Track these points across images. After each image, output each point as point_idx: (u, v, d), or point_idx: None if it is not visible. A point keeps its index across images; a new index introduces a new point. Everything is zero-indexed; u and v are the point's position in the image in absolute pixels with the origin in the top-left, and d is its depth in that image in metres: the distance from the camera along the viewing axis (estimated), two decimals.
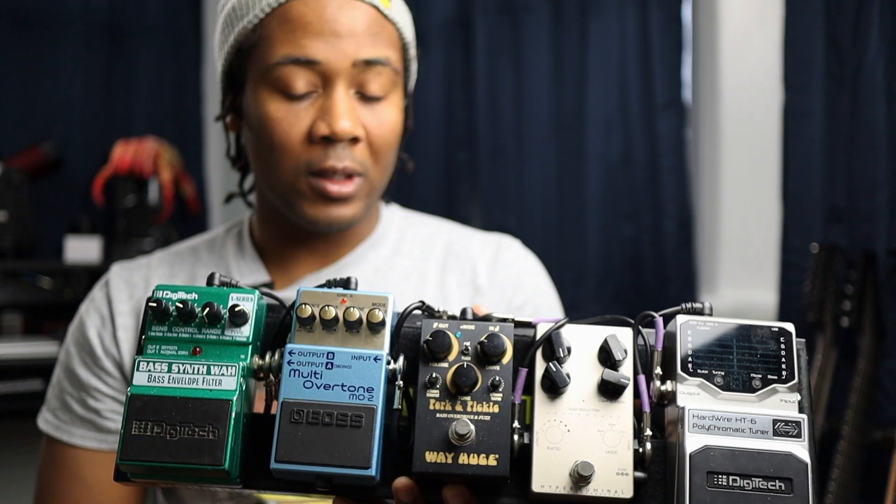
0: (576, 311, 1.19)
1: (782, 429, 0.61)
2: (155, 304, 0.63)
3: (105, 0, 3.05)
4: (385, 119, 0.97)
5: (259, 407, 0.68)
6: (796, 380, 0.63)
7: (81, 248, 2.84)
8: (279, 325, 0.67)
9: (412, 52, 1.03)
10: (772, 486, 0.59)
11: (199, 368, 0.62)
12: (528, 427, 0.65)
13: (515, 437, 0.64)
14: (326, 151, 0.93)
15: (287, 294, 1.02)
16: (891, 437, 1.76)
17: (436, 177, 2.77)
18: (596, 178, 2.42)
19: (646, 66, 2.33)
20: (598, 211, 2.43)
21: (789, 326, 0.65)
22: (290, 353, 0.62)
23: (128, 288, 1.06)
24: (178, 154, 3.06)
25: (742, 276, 2.31)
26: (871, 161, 1.90)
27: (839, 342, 1.93)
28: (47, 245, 2.94)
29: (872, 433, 1.82)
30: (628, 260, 2.38)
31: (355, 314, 0.63)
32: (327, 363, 0.63)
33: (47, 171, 2.91)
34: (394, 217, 1.13)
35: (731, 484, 0.59)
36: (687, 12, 2.33)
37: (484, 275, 1.08)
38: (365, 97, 0.95)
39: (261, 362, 0.65)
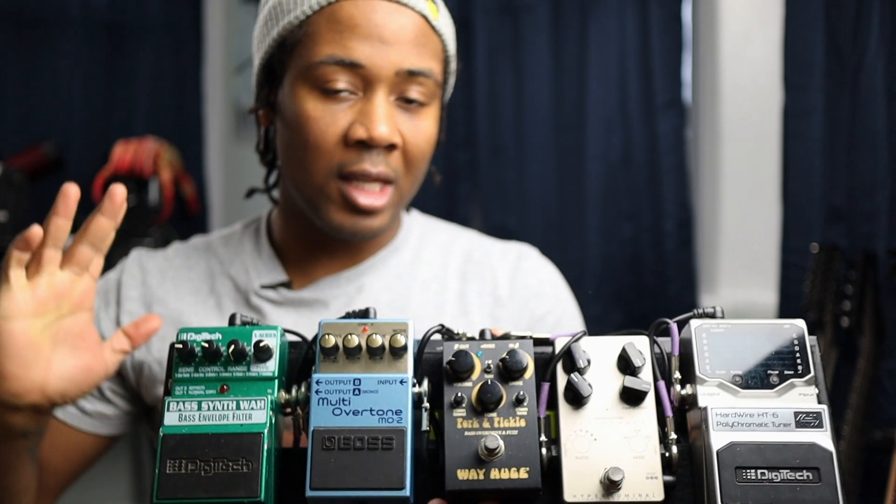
0: None
1: (804, 420, 0.62)
2: (181, 346, 0.64)
3: (105, 0, 3.06)
4: (422, 129, 0.96)
5: (287, 443, 0.68)
6: (812, 373, 0.65)
7: None
8: (302, 360, 0.68)
9: (453, 65, 1.03)
10: (800, 476, 0.60)
11: (228, 404, 0.63)
12: (554, 441, 0.66)
13: (543, 450, 0.65)
14: (361, 155, 0.93)
15: (304, 294, 1.02)
16: (891, 437, 1.77)
17: None
18: (596, 177, 2.43)
19: (646, 66, 2.34)
20: (598, 211, 2.43)
21: (800, 323, 0.67)
22: (317, 382, 0.63)
23: (141, 273, 1.05)
24: (178, 154, 3.06)
25: (742, 275, 2.31)
26: (871, 161, 1.90)
27: (839, 342, 1.93)
28: None
29: (872, 433, 1.82)
30: (628, 260, 2.39)
31: (378, 341, 0.64)
32: (354, 389, 0.64)
33: (47, 171, 2.91)
34: (414, 222, 1.13)
35: (759, 478, 0.60)
36: (687, 12, 2.34)
37: (504, 285, 1.08)
38: (404, 105, 0.95)
39: (287, 396, 0.65)
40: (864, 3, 1.90)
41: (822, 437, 0.61)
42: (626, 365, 0.67)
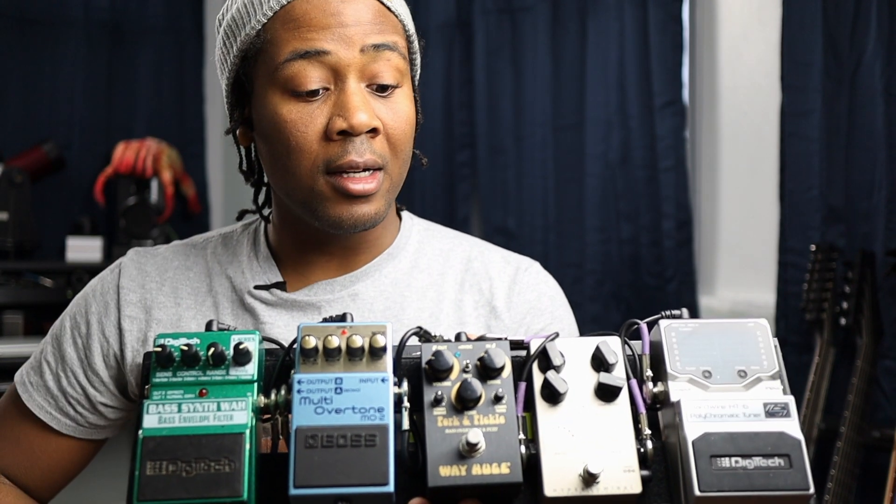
0: (575, 310, 1.20)
1: (773, 410, 0.65)
2: (159, 350, 0.64)
3: (107, 1, 3.06)
4: (399, 110, 0.95)
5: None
6: (777, 368, 0.68)
7: (83, 249, 2.85)
8: (280, 365, 0.69)
9: (415, 44, 1.02)
10: (772, 462, 0.63)
11: (209, 406, 0.63)
12: (531, 441, 0.67)
13: (522, 448, 0.66)
14: (345, 147, 0.91)
15: (298, 297, 1.01)
16: (889, 436, 1.77)
17: (435, 176, 2.78)
18: (595, 177, 2.43)
19: (644, 67, 2.34)
20: (596, 211, 2.43)
21: (763, 321, 0.70)
22: (298, 381, 0.63)
23: (140, 276, 1.05)
24: (179, 155, 3.07)
25: (740, 275, 2.32)
26: (869, 161, 1.91)
27: (837, 342, 1.93)
28: (49, 245, 2.95)
29: (870, 432, 1.82)
30: (627, 260, 2.39)
31: (358, 342, 0.65)
32: (336, 388, 0.64)
33: (49, 172, 2.92)
34: (413, 228, 1.11)
35: (734, 465, 0.63)
36: (685, 13, 2.34)
37: (501, 297, 1.06)
38: (377, 90, 0.94)
39: (266, 401, 0.65)
40: (862, 4, 1.90)
41: (791, 426, 0.64)
42: (599, 363, 0.69)
